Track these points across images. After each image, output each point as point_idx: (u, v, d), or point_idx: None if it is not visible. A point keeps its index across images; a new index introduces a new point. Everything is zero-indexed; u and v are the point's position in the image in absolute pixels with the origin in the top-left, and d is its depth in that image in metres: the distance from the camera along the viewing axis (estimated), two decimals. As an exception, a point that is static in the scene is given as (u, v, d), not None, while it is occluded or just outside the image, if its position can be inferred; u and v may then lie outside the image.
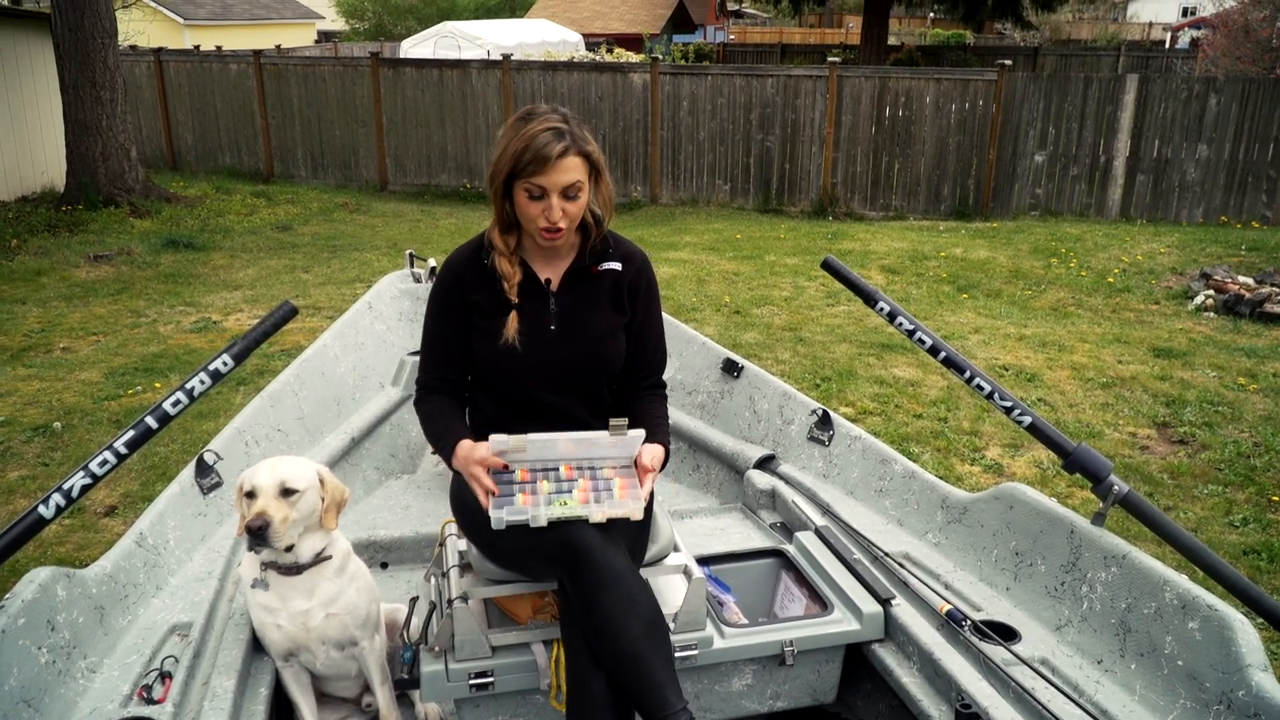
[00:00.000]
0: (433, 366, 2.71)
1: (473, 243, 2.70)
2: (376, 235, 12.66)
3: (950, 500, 3.23)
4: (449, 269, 2.68)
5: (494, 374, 2.63)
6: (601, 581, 2.32)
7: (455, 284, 2.65)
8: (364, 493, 4.12)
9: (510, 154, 2.46)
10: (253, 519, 2.41)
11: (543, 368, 2.62)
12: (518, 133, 2.46)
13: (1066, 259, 11.13)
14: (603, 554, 2.35)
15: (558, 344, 2.62)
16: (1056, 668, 2.52)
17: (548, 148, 2.42)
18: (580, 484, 2.49)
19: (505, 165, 2.47)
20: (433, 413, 2.67)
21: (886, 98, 14.28)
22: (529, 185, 2.46)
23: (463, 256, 2.68)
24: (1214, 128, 13.44)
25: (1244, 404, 6.60)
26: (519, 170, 2.45)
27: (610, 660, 2.31)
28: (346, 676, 2.79)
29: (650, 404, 2.77)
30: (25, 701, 2.19)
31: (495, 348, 2.59)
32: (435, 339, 2.70)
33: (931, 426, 6.20)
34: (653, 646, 2.31)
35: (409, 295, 4.74)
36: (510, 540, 2.45)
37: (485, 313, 2.62)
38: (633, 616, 2.30)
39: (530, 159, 2.42)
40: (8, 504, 5.02)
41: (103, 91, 12.57)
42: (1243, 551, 4.67)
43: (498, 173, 2.50)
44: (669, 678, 2.29)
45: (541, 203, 2.47)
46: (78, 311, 8.84)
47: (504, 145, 2.48)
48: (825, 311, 9.04)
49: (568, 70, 15.55)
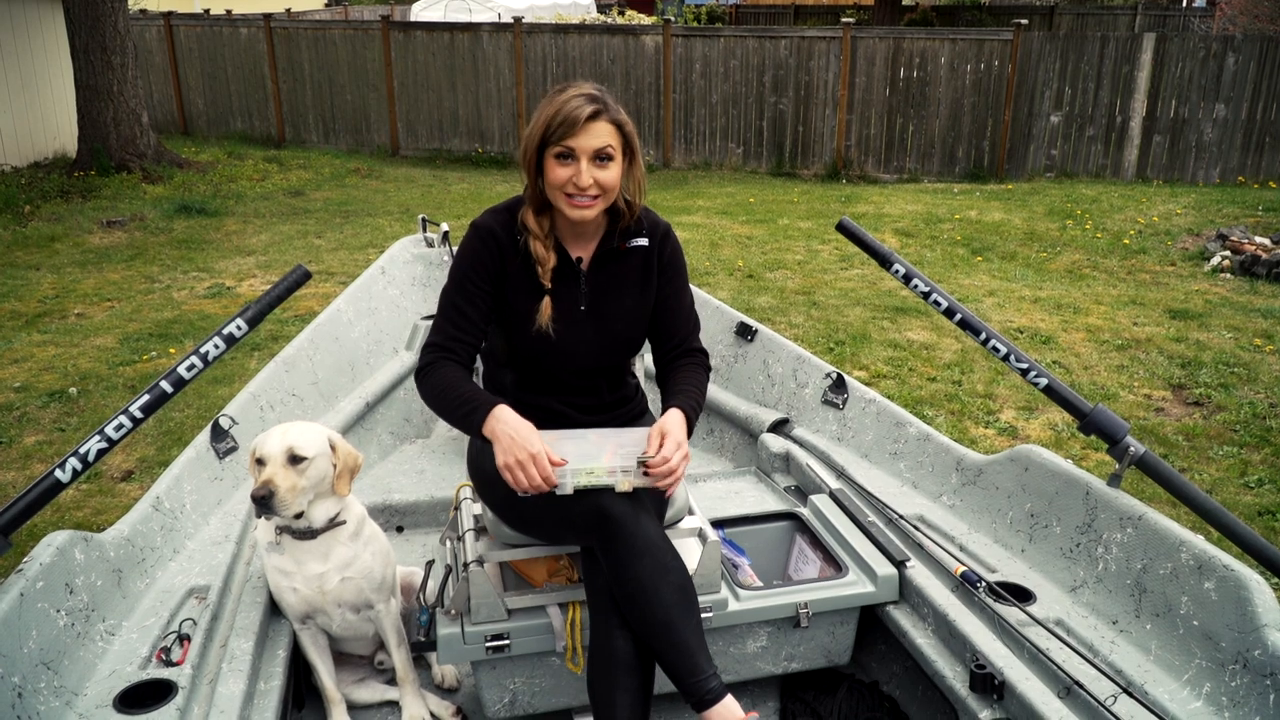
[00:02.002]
0: (451, 327, 2.54)
1: (507, 208, 2.59)
2: (389, 200, 12.64)
3: (965, 462, 3.22)
4: (482, 234, 2.55)
5: (524, 354, 2.59)
6: (635, 549, 2.33)
7: (489, 251, 2.53)
8: (379, 457, 4.13)
9: (541, 121, 2.41)
10: (258, 488, 2.42)
11: (572, 348, 2.58)
12: (550, 102, 2.43)
13: (1082, 221, 11.05)
14: (635, 522, 2.34)
15: (586, 325, 2.58)
16: (1071, 628, 2.52)
17: (578, 110, 2.38)
18: (607, 449, 2.46)
19: (537, 134, 2.42)
20: (449, 380, 2.49)
21: (901, 59, 14.14)
22: (560, 148, 2.40)
23: (498, 223, 2.55)
24: (1231, 87, 13.28)
25: (1260, 365, 6.56)
26: (550, 136, 2.40)
27: (642, 627, 2.32)
28: (363, 637, 2.81)
29: (682, 370, 2.68)
30: (44, 664, 2.21)
31: (527, 329, 2.53)
32: (457, 303, 2.55)
33: (946, 389, 6.18)
34: (685, 613, 2.32)
35: (421, 260, 4.74)
36: (537, 510, 2.44)
37: (518, 289, 2.54)
38: (665, 584, 2.31)
39: (561, 122, 2.38)
40: (25, 469, 5.06)
41: (113, 56, 12.51)
42: (1258, 512, 4.65)
43: (530, 144, 2.45)
44: (700, 644, 2.31)
45: (571, 166, 2.41)
46: (92, 277, 8.85)
47: (535, 117, 2.44)
48: (839, 275, 9.00)
49: (579, 33, 15.43)
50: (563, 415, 2.63)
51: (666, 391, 2.64)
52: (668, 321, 2.71)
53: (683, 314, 2.74)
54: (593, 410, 2.67)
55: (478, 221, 2.58)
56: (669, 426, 2.47)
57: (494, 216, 2.58)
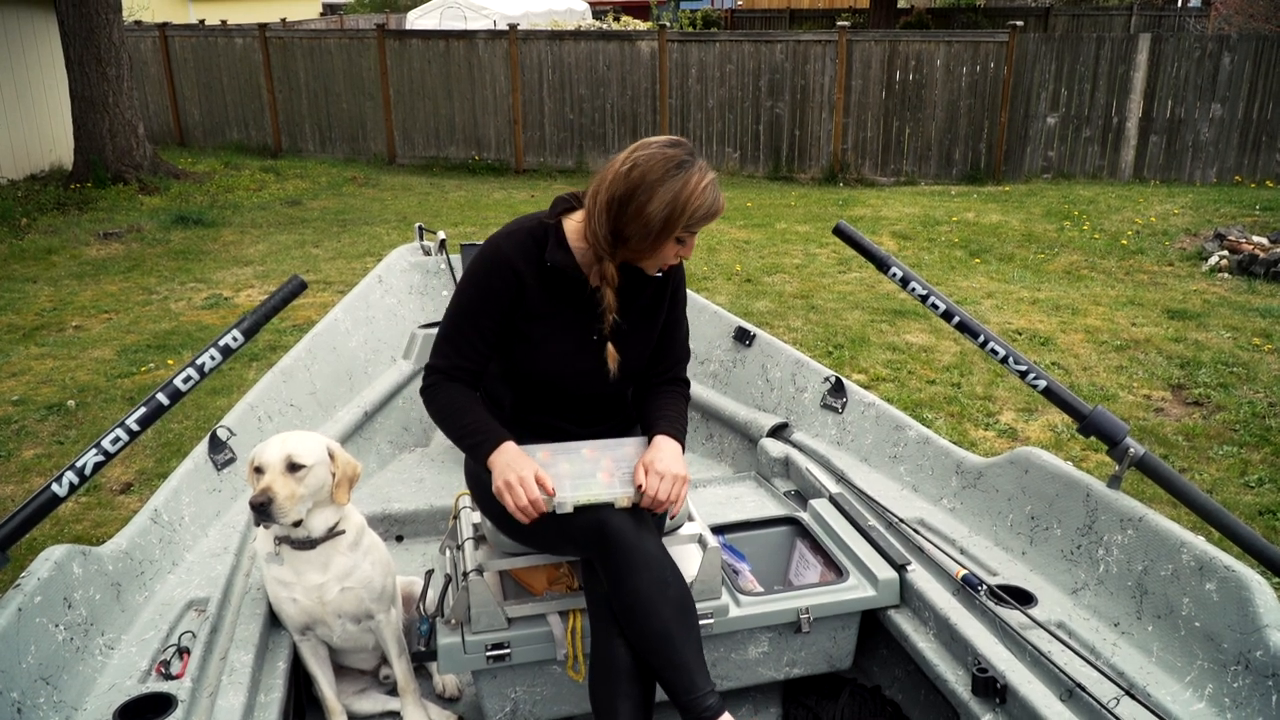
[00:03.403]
0: (456, 355, 2.49)
1: (528, 231, 2.48)
2: (386, 209, 12.63)
3: (965, 465, 3.22)
4: (501, 258, 2.44)
5: (532, 379, 2.55)
6: (633, 564, 2.31)
7: (507, 277, 2.43)
8: (377, 466, 4.12)
9: (679, 209, 2.31)
10: (256, 495, 2.41)
11: (587, 377, 2.55)
12: (684, 185, 2.32)
13: (1079, 222, 11.05)
14: (635, 537, 2.33)
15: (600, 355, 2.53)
16: (1073, 631, 2.52)
17: (717, 203, 2.36)
18: (603, 465, 2.46)
19: (671, 219, 2.32)
20: (459, 405, 2.47)
21: (896, 62, 14.16)
22: (687, 233, 2.37)
23: (519, 248, 2.45)
24: (1227, 86, 13.29)
25: (1259, 364, 6.56)
26: (688, 224, 2.34)
27: (640, 641, 2.31)
28: (364, 649, 2.81)
29: (666, 395, 2.65)
30: (44, 679, 2.20)
31: (536, 357, 2.49)
32: (465, 327, 2.48)
33: (945, 392, 6.17)
34: (683, 629, 2.30)
35: (419, 268, 4.73)
36: (536, 522, 2.41)
37: (534, 315, 2.47)
38: (664, 599, 2.30)
39: (704, 215, 2.34)
40: (23, 482, 5.05)
41: (108, 68, 12.52)
42: (1258, 512, 4.65)
43: (654, 224, 2.32)
44: (698, 660, 2.29)
45: (687, 244, 2.41)
46: (89, 289, 8.85)
47: (659, 196, 2.30)
48: (837, 278, 9.00)
49: (575, 39, 15.44)
50: (561, 430, 2.61)
51: (651, 414, 2.60)
52: (662, 347, 2.67)
53: (678, 342, 2.71)
54: (589, 424, 2.65)
55: (497, 250, 2.46)
56: (663, 458, 2.45)
57: (511, 239, 2.47)
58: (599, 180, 2.38)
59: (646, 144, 2.37)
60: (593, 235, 2.39)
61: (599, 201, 2.35)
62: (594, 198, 2.37)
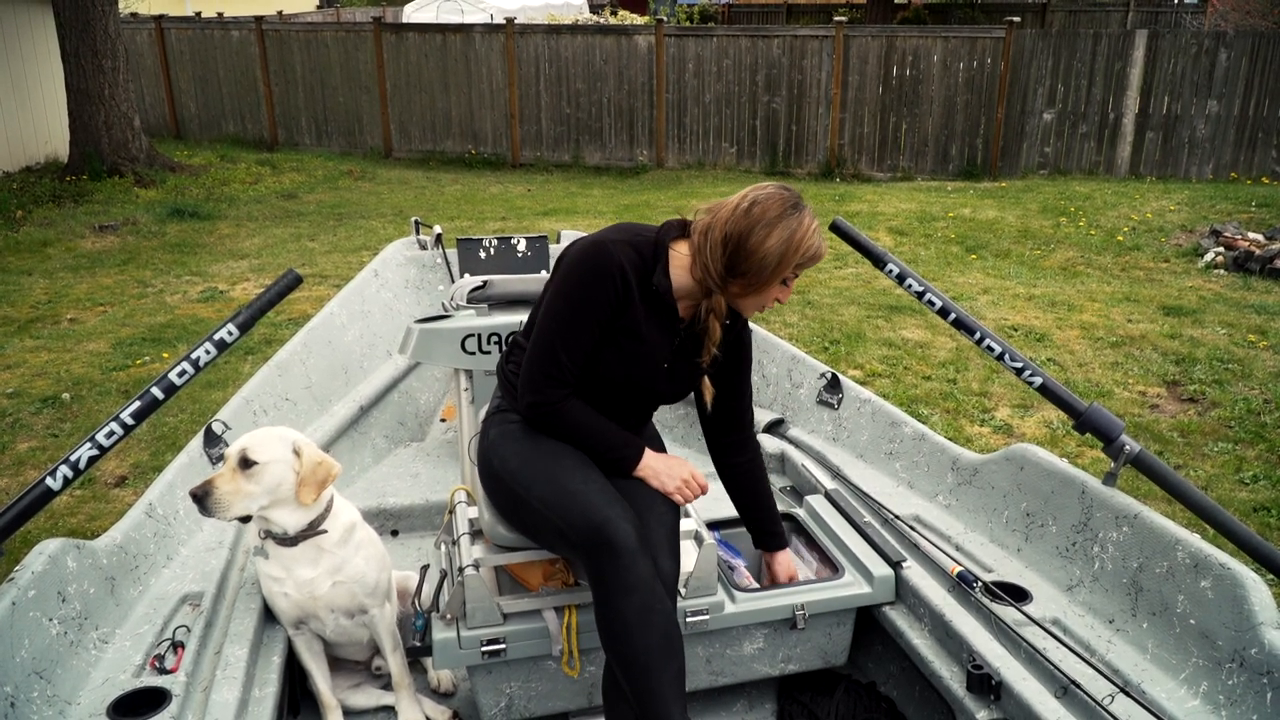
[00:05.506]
0: (572, 367, 2.48)
1: (639, 248, 2.48)
2: (382, 202, 12.62)
3: (960, 462, 3.22)
4: (615, 265, 2.42)
5: (601, 382, 2.55)
6: (625, 584, 2.28)
7: (615, 289, 2.42)
8: (373, 461, 4.12)
9: (792, 251, 2.38)
10: (195, 486, 2.40)
11: (657, 395, 2.64)
12: (797, 223, 2.39)
13: (1075, 218, 11.06)
14: (632, 557, 2.29)
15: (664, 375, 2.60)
16: (1068, 628, 2.52)
17: (823, 245, 2.44)
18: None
19: (785, 261, 2.38)
20: (590, 422, 2.53)
21: (893, 57, 14.14)
22: (791, 274, 2.44)
23: (630, 264, 2.44)
24: (1224, 83, 13.30)
25: (1254, 361, 6.57)
26: (802, 262, 2.41)
27: (619, 663, 2.30)
28: (358, 643, 2.80)
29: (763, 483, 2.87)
30: (37, 673, 2.20)
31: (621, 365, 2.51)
32: (578, 339, 2.45)
33: (941, 388, 6.18)
34: (663, 659, 2.27)
35: (415, 263, 4.72)
36: (540, 516, 2.42)
37: (627, 327, 2.48)
38: (648, 626, 2.27)
39: (812, 256, 2.42)
40: (18, 475, 5.04)
41: (104, 60, 12.47)
42: (1253, 509, 4.65)
43: (768, 265, 2.37)
44: (676, 693, 2.26)
45: (787, 287, 2.47)
46: (84, 282, 8.83)
47: (775, 237, 2.37)
48: (833, 274, 9.00)
49: (571, 33, 15.42)
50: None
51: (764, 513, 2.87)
52: (739, 406, 2.77)
53: (749, 400, 2.81)
54: (623, 425, 2.64)
55: (609, 256, 2.43)
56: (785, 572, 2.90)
57: (627, 256, 2.45)
58: (710, 217, 2.43)
59: (762, 186, 2.44)
60: (703, 269, 2.43)
61: (712, 237, 2.40)
62: (705, 233, 2.42)
